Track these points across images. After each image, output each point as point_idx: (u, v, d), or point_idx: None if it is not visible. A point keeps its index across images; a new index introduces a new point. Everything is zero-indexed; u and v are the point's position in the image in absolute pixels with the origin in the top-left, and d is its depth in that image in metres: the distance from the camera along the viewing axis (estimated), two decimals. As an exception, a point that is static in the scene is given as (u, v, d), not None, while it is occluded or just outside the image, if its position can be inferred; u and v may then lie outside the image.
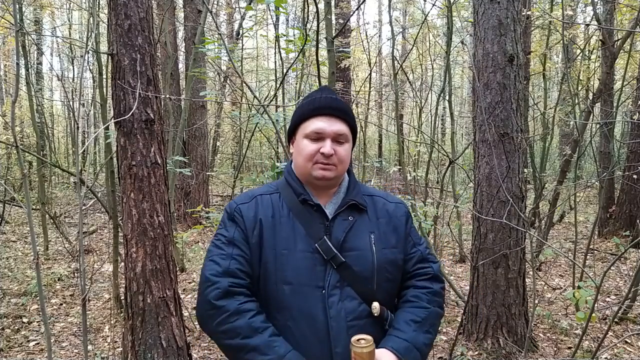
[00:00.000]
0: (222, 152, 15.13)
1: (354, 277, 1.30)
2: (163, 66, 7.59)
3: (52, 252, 6.80)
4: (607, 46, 5.79)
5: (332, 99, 1.38)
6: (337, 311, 1.27)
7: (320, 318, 1.26)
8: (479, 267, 3.85)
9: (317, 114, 1.35)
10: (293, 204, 1.36)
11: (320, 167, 1.33)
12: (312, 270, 1.29)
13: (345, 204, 1.37)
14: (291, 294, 1.28)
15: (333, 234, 1.33)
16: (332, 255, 1.29)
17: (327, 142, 1.32)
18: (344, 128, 1.36)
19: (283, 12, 3.70)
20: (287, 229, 1.33)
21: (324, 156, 1.31)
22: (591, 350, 3.66)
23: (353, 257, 1.31)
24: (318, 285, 1.28)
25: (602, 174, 5.84)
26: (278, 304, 1.30)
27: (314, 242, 1.30)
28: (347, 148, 1.36)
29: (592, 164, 11.16)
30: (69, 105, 9.96)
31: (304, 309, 1.27)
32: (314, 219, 1.34)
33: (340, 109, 1.36)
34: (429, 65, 9.01)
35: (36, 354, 3.88)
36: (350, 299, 1.29)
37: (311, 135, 1.34)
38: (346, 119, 1.37)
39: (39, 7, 11.21)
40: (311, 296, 1.27)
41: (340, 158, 1.34)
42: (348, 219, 1.36)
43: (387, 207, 1.45)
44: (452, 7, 5.96)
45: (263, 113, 3.64)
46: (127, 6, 2.94)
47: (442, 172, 6.57)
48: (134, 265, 3.01)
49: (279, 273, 1.29)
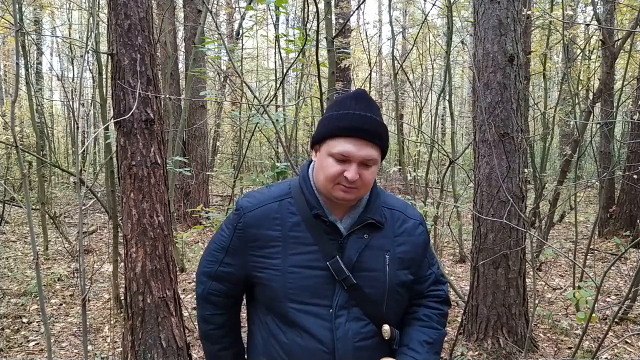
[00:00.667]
0: (222, 152, 15.14)
1: (363, 298, 1.25)
2: (163, 66, 7.58)
3: (52, 252, 6.80)
4: (607, 46, 5.79)
5: (367, 118, 1.22)
6: (344, 332, 1.23)
7: (327, 339, 1.22)
8: (479, 267, 3.85)
9: (348, 134, 1.20)
10: (305, 215, 1.27)
11: (341, 189, 1.22)
12: (320, 289, 1.24)
13: (362, 222, 1.28)
14: (298, 312, 1.23)
15: (346, 252, 1.25)
16: (344, 277, 1.23)
17: (353, 167, 1.20)
18: (374, 153, 1.22)
19: (283, 12, 3.69)
20: (298, 244, 1.26)
21: (347, 180, 1.20)
22: (591, 351, 3.66)
23: (365, 278, 1.25)
24: (324, 305, 1.24)
25: (602, 174, 5.84)
26: (286, 320, 1.26)
27: (325, 260, 1.24)
28: (373, 171, 1.25)
29: (592, 164, 11.17)
30: (69, 105, 9.97)
31: (310, 328, 1.23)
32: (326, 235, 1.26)
33: (374, 132, 1.21)
34: (429, 65, 9.01)
35: (36, 354, 3.88)
36: (357, 320, 1.25)
37: (337, 156, 1.21)
38: (376, 142, 1.23)
39: (39, 7, 11.21)
40: (318, 316, 1.23)
41: (365, 182, 1.23)
42: (363, 237, 1.28)
43: (406, 225, 1.36)
44: (452, 7, 5.96)
45: (263, 113, 3.63)
46: (127, 6, 2.94)
47: (442, 172, 6.57)
48: (133, 265, 3.01)
49: (286, 290, 1.24)
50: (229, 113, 13.09)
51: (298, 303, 1.23)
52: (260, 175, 3.63)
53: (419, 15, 11.75)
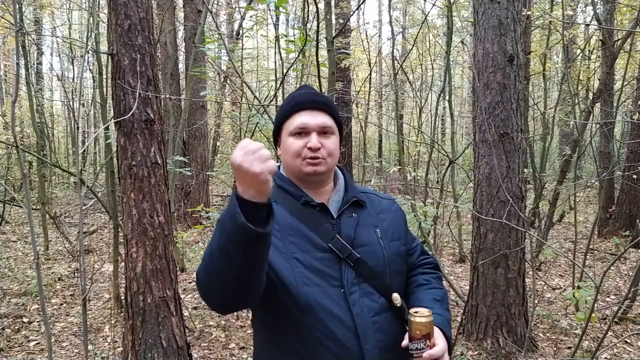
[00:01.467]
0: (222, 152, 15.14)
1: (369, 272, 1.29)
2: (163, 66, 7.59)
3: (53, 252, 6.80)
4: (607, 46, 5.79)
5: (312, 93, 1.35)
6: (360, 308, 1.26)
7: (346, 317, 1.25)
8: (478, 267, 3.86)
9: (299, 109, 1.31)
10: (294, 208, 1.32)
11: (309, 162, 1.29)
12: (327, 270, 1.27)
13: (349, 201, 1.35)
14: (312, 296, 1.24)
15: (342, 231, 1.31)
16: (348, 253, 1.28)
17: (313, 136, 1.28)
18: (328, 120, 1.32)
19: (283, 12, 3.70)
20: (294, 233, 1.29)
21: (312, 150, 1.28)
22: (591, 350, 3.66)
23: (365, 252, 1.30)
24: (336, 285, 1.26)
25: (602, 174, 5.84)
26: (301, 308, 1.25)
27: (326, 242, 1.28)
28: (334, 140, 1.33)
29: (592, 164, 11.16)
30: (69, 105, 9.98)
31: (328, 309, 1.24)
32: (319, 219, 1.31)
33: (322, 101, 1.33)
34: (429, 65, 9.01)
35: (36, 353, 3.88)
36: (369, 295, 1.29)
37: (295, 132, 1.30)
38: (329, 111, 1.33)
39: (39, 7, 11.21)
40: (332, 296, 1.25)
41: (329, 151, 1.30)
42: (352, 216, 1.34)
43: (383, 204, 1.46)
44: (452, 7, 5.96)
45: (263, 113, 3.64)
46: (127, 6, 2.94)
47: (442, 172, 6.57)
48: (134, 265, 3.02)
49: (295, 277, 1.24)
50: (229, 113, 13.09)
51: (311, 286, 1.24)
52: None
53: (419, 15, 11.75)
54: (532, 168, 6.86)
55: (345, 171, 1.46)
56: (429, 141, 7.39)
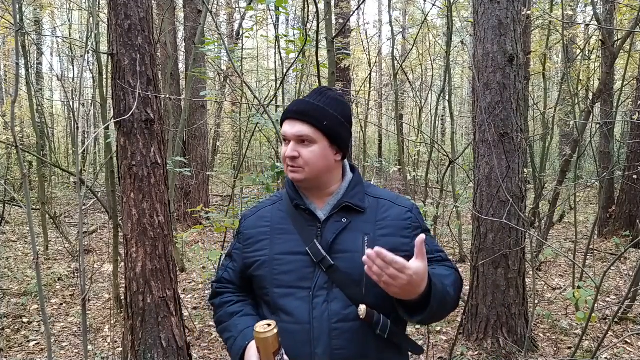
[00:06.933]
0: (222, 152, 15.14)
1: (342, 279, 1.29)
2: (163, 66, 7.59)
3: (52, 252, 6.80)
4: (607, 46, 5.79)
5: (299, 102, 1.36)
6: (321, 312, 1.27)
7: (305, 318, 1.28)
8: (479, 267, 3.86)
9: (284, 117, 1.37)
10: (289, 209, 1.39)
11: (289, 169, 1.34)
12: (302, 273, 1.31)
13: (339, 206, 1.35)
14: (281, 297, 1.31)
15: (323, 236, 1.32)
16: (321, 258, 1.29)
17: (289, 145, 1.33)
18: (305, 129, 1.31)
19: (283, 12, 3.69)
20: (282, 235, 1.36)
21: (289, 159, 1.32)
22: (591, 350, 3.66)
23: (342, 259, 1.30)
24: (305, 287, 1.30)
25: (602, 174, 5.84)
26: (271, 307, 1.34)
27: (306, 246, 1.32)
28: (313, 150, 1.31)
29: (592, 164, 11.16)
30: (69, 105, 9.98)
31: (290, 310, 1.29)
32: (306, 222, 1.35)
33: (300, 111, 1.32)
34: (429, 65, 9.02)
35: (36, 354, 3.88)
36: (338, 301, 1.28)
37: (283, 139, 1.37)
38: (309, 120, 1.31)
39: (39, 7, 11.21)
40: (298, 298, 1.30)
41: (305, 160, 1.31)
42: (341, 221, 1.34)
43: (391, 211, 1.38)
44: (452, 7, 5.96)
45: (263, 113, 3.64)
46: (127, 6, 2.94)
47: (442, 172, 6.57)
48: (134, 265, 3.01)
49: (272, 277, 1.33)
50: (229, 113, 13.09)
51: (283, 288, 1.32)
52: (260, 175, 3.62)
53: (419, 16, 11.75)
54: (532, 168, 6.86)
55: (357, 174, 1.44)
56: (429, 141, 7.40)
